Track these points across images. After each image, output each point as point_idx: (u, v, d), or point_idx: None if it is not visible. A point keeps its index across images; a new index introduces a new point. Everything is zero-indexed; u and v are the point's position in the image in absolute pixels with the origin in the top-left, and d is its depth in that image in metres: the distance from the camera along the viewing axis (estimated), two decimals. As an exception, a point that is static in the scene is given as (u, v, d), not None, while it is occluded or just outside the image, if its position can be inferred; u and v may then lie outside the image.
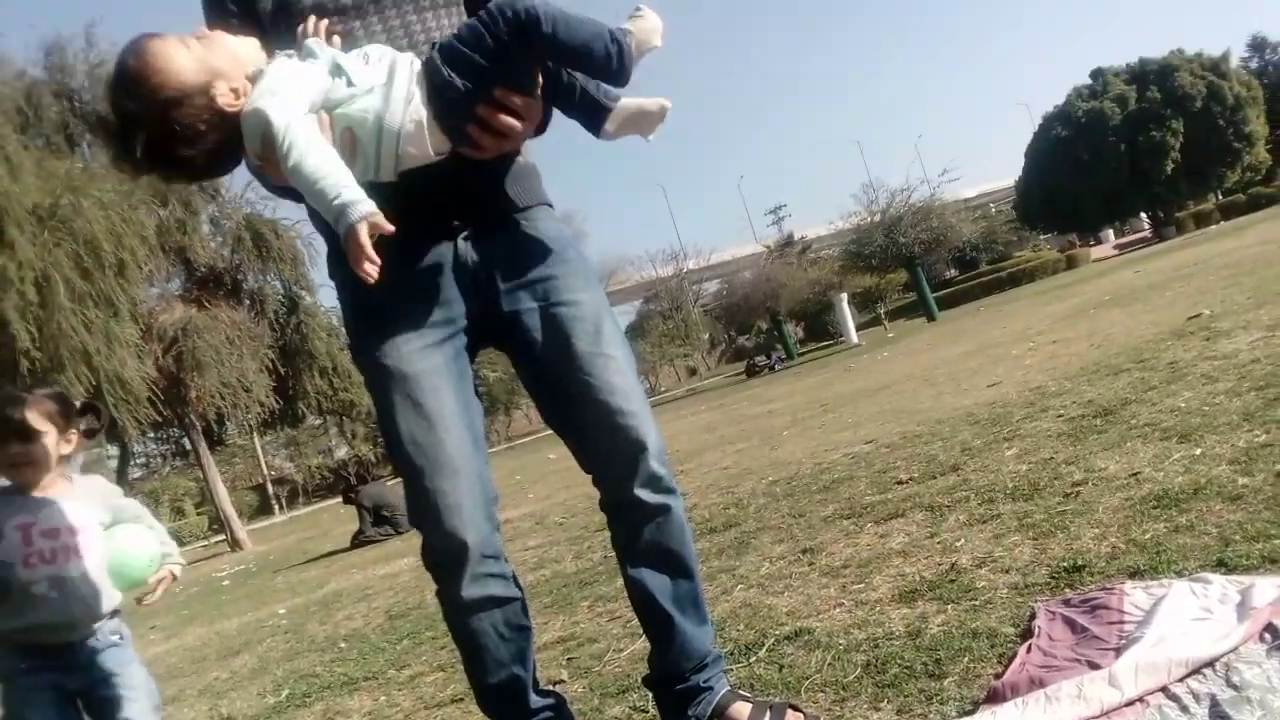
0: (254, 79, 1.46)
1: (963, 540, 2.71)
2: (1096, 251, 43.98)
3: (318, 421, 28.98)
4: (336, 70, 1.47)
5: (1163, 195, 42.77)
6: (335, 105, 1.46)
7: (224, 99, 1.44)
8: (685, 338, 52.90)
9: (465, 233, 1.65)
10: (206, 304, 18.95)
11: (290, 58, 1.50)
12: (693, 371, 56.63)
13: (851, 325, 29.03)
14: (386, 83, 1.47)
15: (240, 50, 1.49)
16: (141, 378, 15.60)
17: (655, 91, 1.71)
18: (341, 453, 43.26)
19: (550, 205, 1.80)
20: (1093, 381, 4.98)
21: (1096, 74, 44.75)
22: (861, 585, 2.59)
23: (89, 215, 14.57)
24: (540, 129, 1.66)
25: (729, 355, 57.65)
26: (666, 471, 1.68)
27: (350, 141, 1.46)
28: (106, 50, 18.49)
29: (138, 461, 24.50)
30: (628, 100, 1.68)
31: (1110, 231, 54.34)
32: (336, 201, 1.35)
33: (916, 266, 28.97)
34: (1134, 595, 1.82)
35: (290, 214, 20.41)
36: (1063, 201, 43.85)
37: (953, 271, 50.77)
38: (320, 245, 1.76)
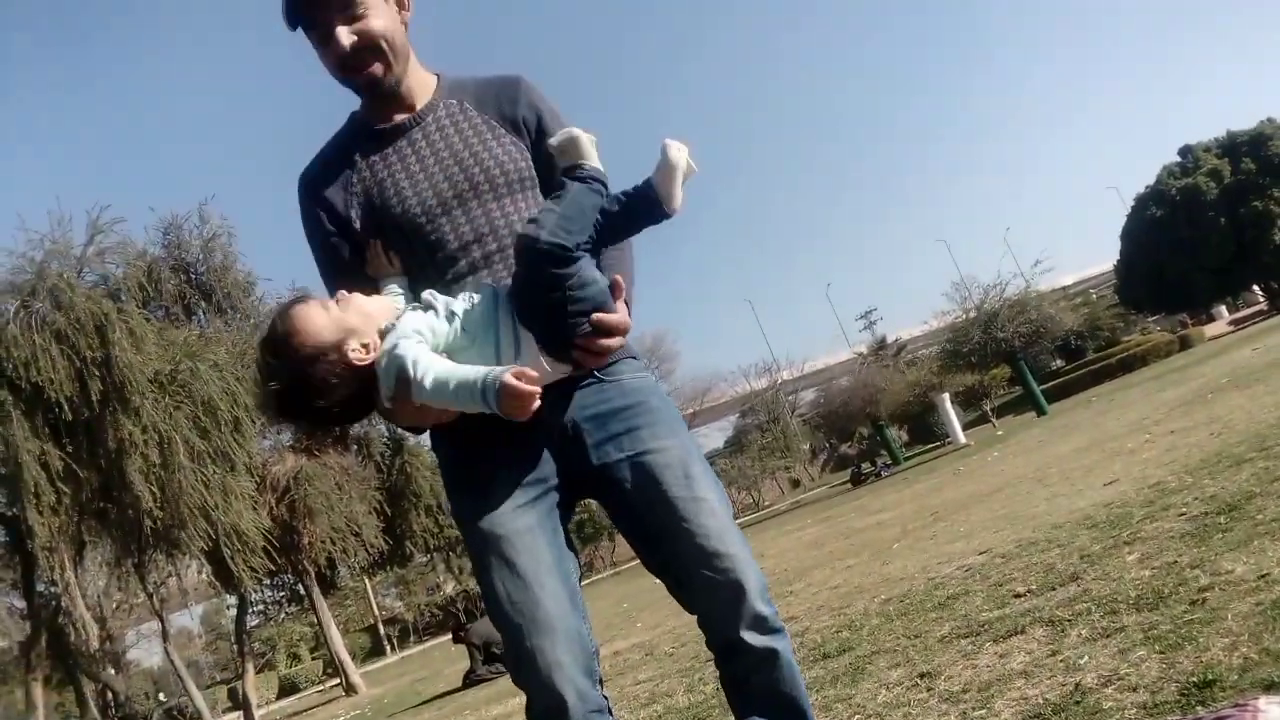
0: (384, 333, 1.61)
1: (1086, 657, 2.55)
2: (1211, 329, 42.20)
3: (425, 559, 29.27)
4: (450, 317, 1.61)
5: (1274, 265, 41.07)
6: (453, 352, 1.59)
7: (355, 354, 1.59)
8: (786, 449, 52.21)
9: (551, 394, 1.66)
10: (315, 452, 19.59)
11: (415, 309, 1.64)
12: (796, 483, 55.62)
13: (957, 425, 28.26)
14: (494, 332, 1.62)
15: (372, 308, 1.65)
16: (257, 528, 16.09)
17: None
18: (449, 588, 43.44)
19: (634, 356, 1.82)
20: (1215, 474, 4.71)
21: (1185, 151, 43.89)
22: (983, 711, 2.45)
23: (205, 378, 15.39)
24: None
25: (832, 464, 56.57)
26: (770, 610, 1.65)
27: None
28: (218, 225, 19.87)
29: (255, 610, 24.97)
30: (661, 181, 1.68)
31: (1223, 307, 52.23)
32: (479, 380, 1.49)
33: (1019, 360, 28.22)
34: (1269, 711, 1.68)
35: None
36: (1168, 281, 42.47)
37: (1059, 362, 49.27)
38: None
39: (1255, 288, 47.03)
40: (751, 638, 1.62)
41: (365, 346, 1.60)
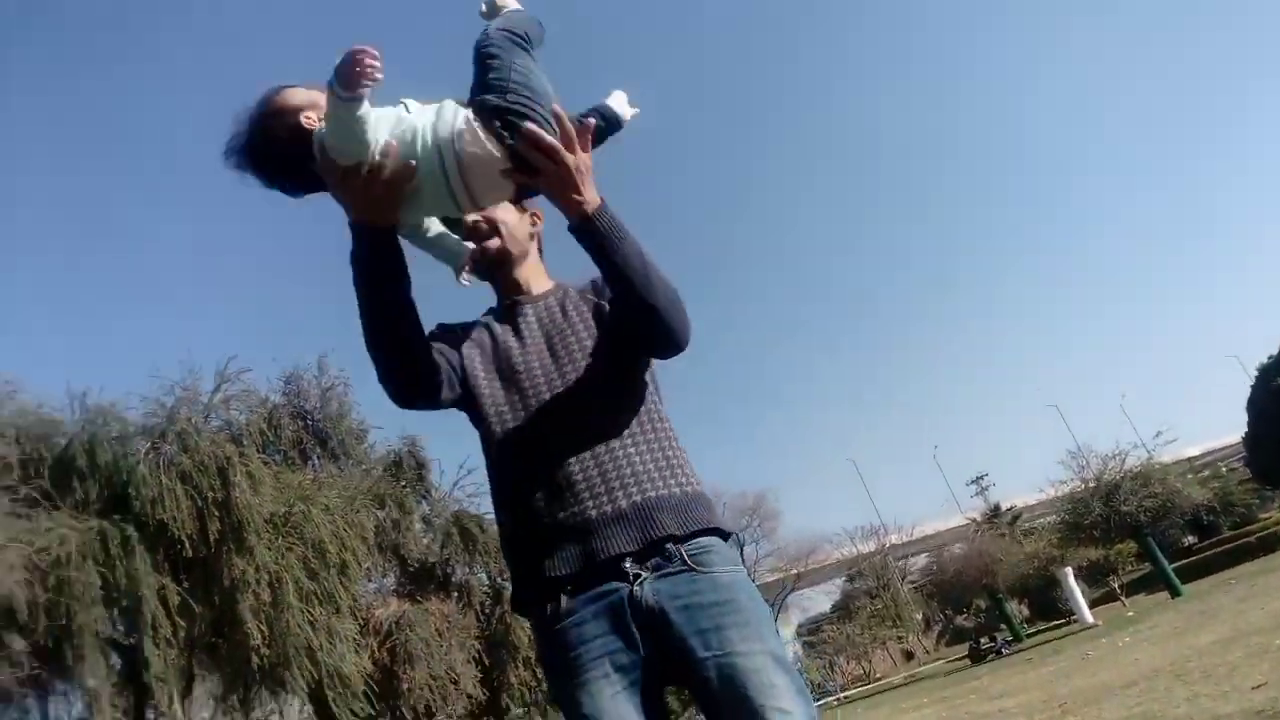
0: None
1: None
2: (1355, 508, 39.11)
3: (521, 712, 28.58)
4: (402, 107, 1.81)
5: None
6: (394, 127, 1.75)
7: (306, 120, 1.75)
8: (897, 618, 49.85)
9: (641, 578, 1.74)
10: (418, 598, 19.70)
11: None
12: (909, 655, 52.77)
13: (1083, 603, 26.60)
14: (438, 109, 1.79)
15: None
16: (359, 671, 16.14)
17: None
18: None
19: (724, 534, 1.87)
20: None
21: (1316, 320, 41.92)
22: None
23: (317, 520, 15.87)
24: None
25: (948, 636, 53.64)
26: None
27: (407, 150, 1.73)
28: (335, 376, 20.91)
29: (351, 757, 24.62)
30: (618, 108, 2.06)
31: (1367, 481, 48.48)
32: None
33: (1146, 536, 26.59)
34: None
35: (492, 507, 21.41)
36: (1304, 452, 39.83)
37: (1191, 538, 46.25)
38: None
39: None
40: None
41: (314, 118, 1.76)
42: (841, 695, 35.15)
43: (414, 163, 1.71)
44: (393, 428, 22.71)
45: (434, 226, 2.02)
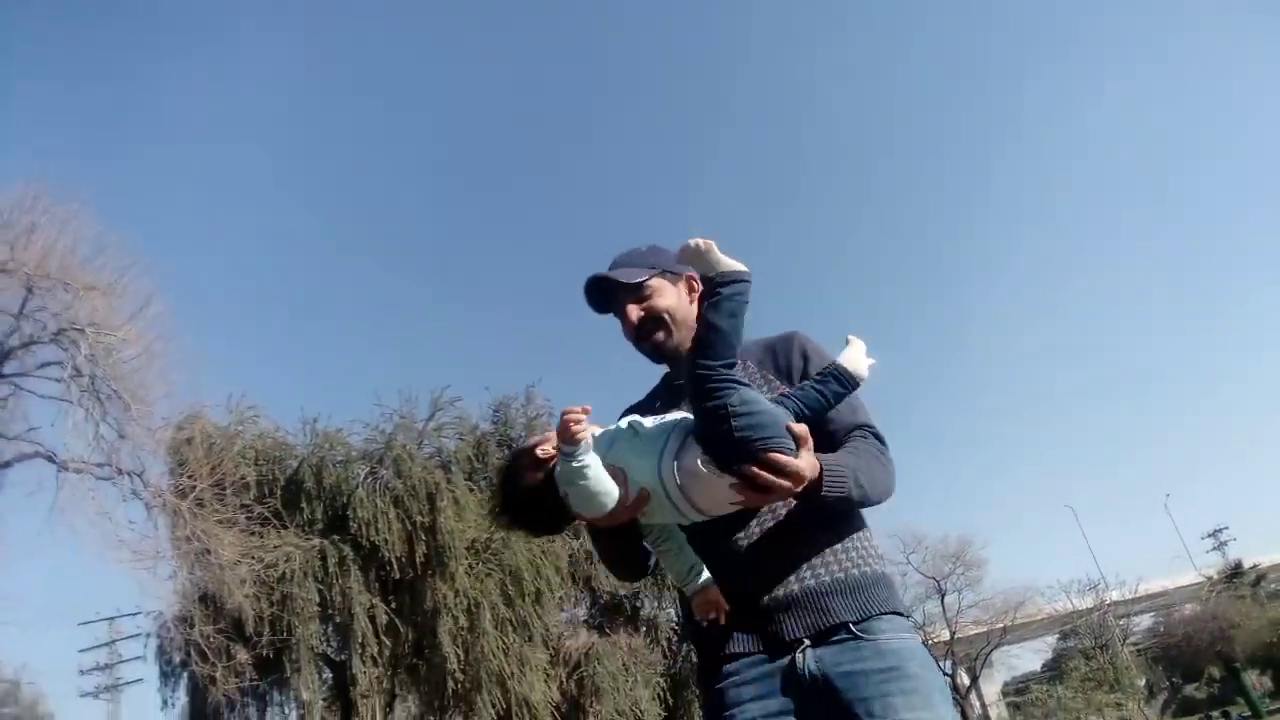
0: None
1: None
2: None
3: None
4: (631, 425, 2.01)
5: None
6: (616, 441, 1.99)
7: (541, 449, 2.02)
8: (1115, 683, 45.96)
9: (805, 644, 1.78)
10: (607, 630, 19.99)
11: None
12: (1129, 725, 48.54)
13: (1336, 680, 23.69)
14: (664, 435, 1.96)
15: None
16: (546, 701, 16.52)
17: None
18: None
19: (902, 614, 1.86)
20: None
21: None
22: None
23: (515, 548, 16.47)
24: (814, 494, 1.85)
25: (1174, 708, 49.01)
26: None
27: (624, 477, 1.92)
28: (541, 406, 21.66)
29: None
30: (852, 366, 2.08)
31: None
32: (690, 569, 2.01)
33: None
34: None
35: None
36: None
37: None
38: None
39: None
40: None
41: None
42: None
43: (647, 490, 1.90)
44: (591, 458, 23.26)
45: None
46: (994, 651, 44.52)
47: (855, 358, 2.04)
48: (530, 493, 1.96)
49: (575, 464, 1.84)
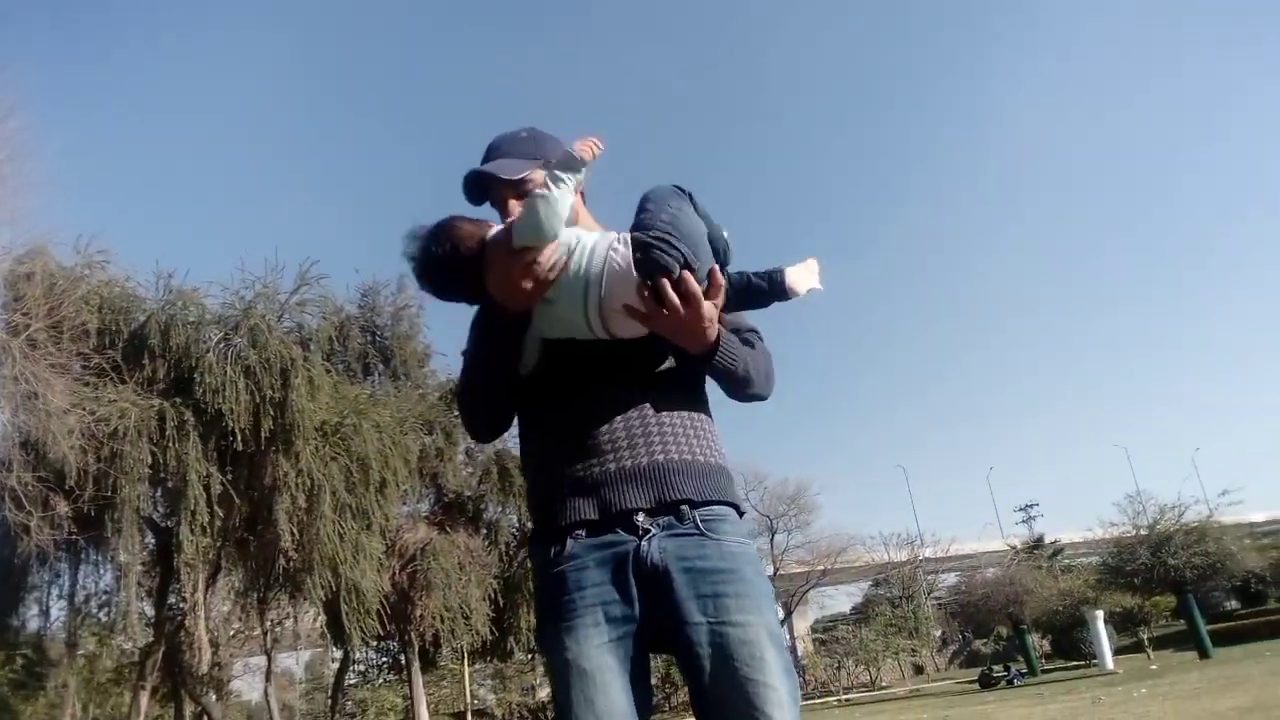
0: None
1: None
2: None
3: (526, 658, 29.13)
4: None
5: None
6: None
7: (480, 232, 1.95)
8: (915, 631, 49.41)
9: (650, 533, 1.76)
10: (447, 528, 20.04)
11: None
12: (919, 669, 52.29)
13: (1108, 648, 26.06)
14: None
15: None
16: (377, 590, 16.49)
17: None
18: (543, 694, 42.85)
19: (740, 511, 1.89)
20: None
21: None
22: None
23: (365, 436, 16.19)
24: (709, 347, 1.87)
25: (962, 659, 53.10)
26: None
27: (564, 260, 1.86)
28: (411, 296, 21.22)
29: (356, 668, 25.35)
30: (794, 267, 1.97)
31: None
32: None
33: (1188, 593, 25.93)
34: None
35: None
36: (1372, 541, 38.50)
37: (1234, 603, 45.00)
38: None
39: None
40: None
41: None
42: (844, 698, 35.07)
43: (565, 257, 1.84)
44: (456, 357, 23.02)
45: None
46: (811, 590, 47.07)
47: (802, 275, 1.95)
48: (462, 260, 1.89)
49: (565, 187, 1.80)
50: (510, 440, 17.09)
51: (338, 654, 22.62)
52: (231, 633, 20.92)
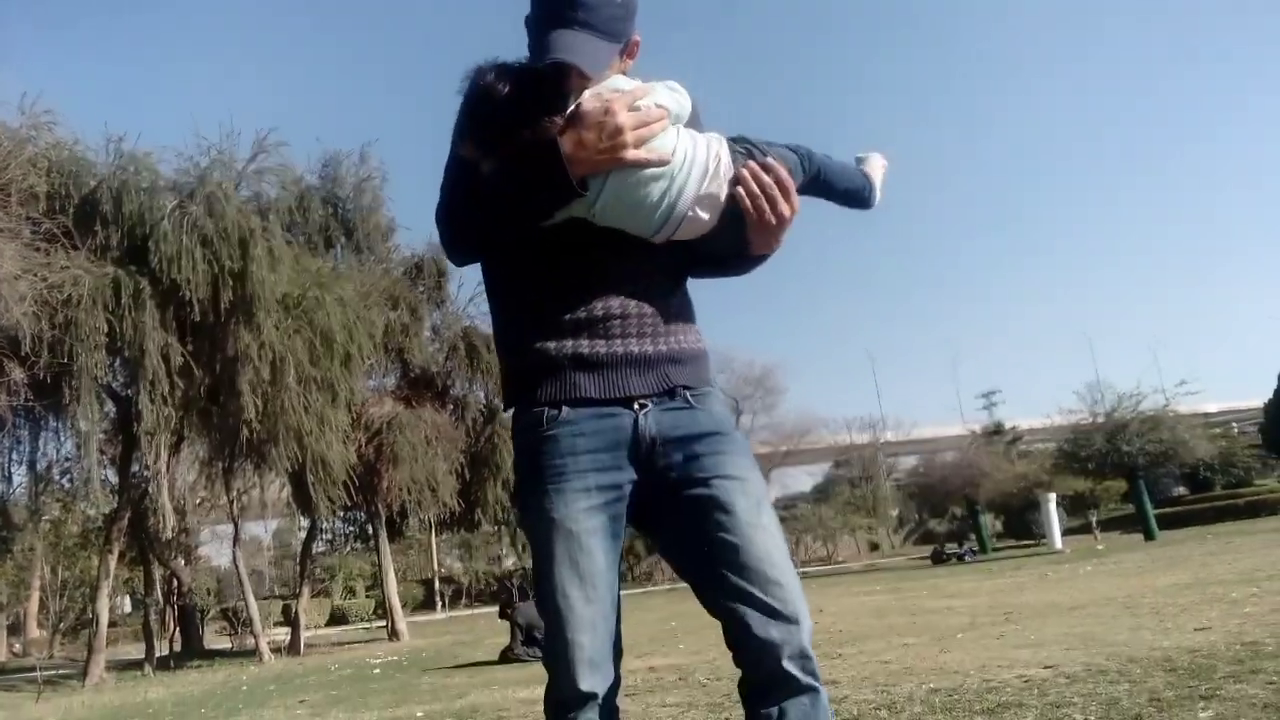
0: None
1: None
2: (1354, 494, 39.28)
3: (492, 529, 29.71)
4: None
5: None
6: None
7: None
8: (873, 510, 50.98)
9: (645, 407, 1.76)
10: (414, 403, 20.07)
11: None
12: (875, 546, 54.23)
13: (1058, 529, 27.06)
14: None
15: None
16: (343, 462, 16.59)
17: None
18: (509, 563, 44.05)
19: (718, 390, 1.91)
20: (1325, 649, 4.28)
21: (1368, 300, 41.04)
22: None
23: (329, 309, 15.95)
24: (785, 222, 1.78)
25: (917, 536, 54.96)
26: (813, 656, 1.67)
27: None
28: (374, 168, 20.66)
29: (324, 537, 25.75)
30: (875, 176, 2.03)
31: (1373, 474, 48.62)
32: None
33: (1139, 479, 26.80)
34: None
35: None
36: (1318, 433, 39.78)
37: (1182, 489, 46.70)
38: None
39: None
40: (796, 671, 1.63)
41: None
42: (800, 571, 36.35)
43: (674, 141, 1.67)
44: (420, 231, 22.68)
45: None
46: (774, 470, 48.17)
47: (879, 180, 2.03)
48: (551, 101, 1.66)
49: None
50: (480, 318, 16.93)
51: (305, 523, 22.87)
52: (198, 500, 21.07)
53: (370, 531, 22.19)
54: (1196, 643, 5.07)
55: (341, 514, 21.91)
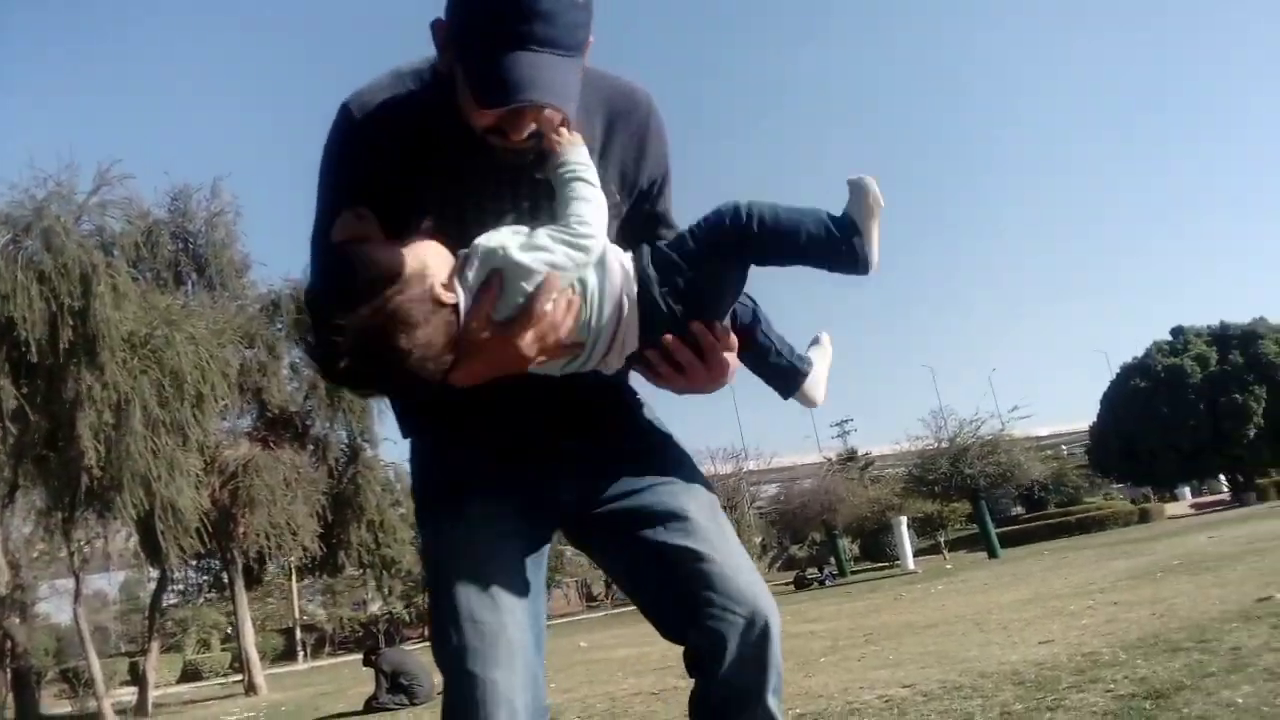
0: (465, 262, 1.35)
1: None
2: (1172, 508, 42.62)
3: (357, 573, 28.82)
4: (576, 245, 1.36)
5: (1244, 459, 41.69)
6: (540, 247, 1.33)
7: (441, 289, 1.31)
8: (739, 538, 51.76)
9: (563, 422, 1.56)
10: (271, 444, 19.34)
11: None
12: (740, 574, 55.00)
13: (909, 550, 28.21)
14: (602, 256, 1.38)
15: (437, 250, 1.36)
16: (195, 508, 15.78)
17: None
18: (375, 608, 42.65)
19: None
20: (1149, 656, 4.71)
21: (1178, 331, 44.79)
22: None
23: (179, 348, 15.21)
24: (719, 380, 1.52)
25: (780, 563, 56.18)
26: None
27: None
28: (227, 202, 20.00)
29: (175, 588, 24.40)
30: (819, 367, 1.69)
31: (1188, 489, 52.85)
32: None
33: (981, 500, 28.40)
34: None
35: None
36: (1139, 453, 43.03)
37: (1020, 509, 49.54)
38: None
39: (1222, 477, 47.62)
40: (774, 703, 1.47)
41: (448, 285, 1.32)
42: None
43: (577, 299, 1.36)
44: (277, 267, 22.02)
45: None
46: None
47: (821, 382, 1.71)
48: (414, 323, 1.27)
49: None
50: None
51: (154, 574, 21.61)
52: (34, 554, 19.64)
53: (226, 580, 21.17)
54: (1041, 655, 5.46)
55: (194, 563, 20.86)
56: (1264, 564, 8.95)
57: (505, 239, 1.33)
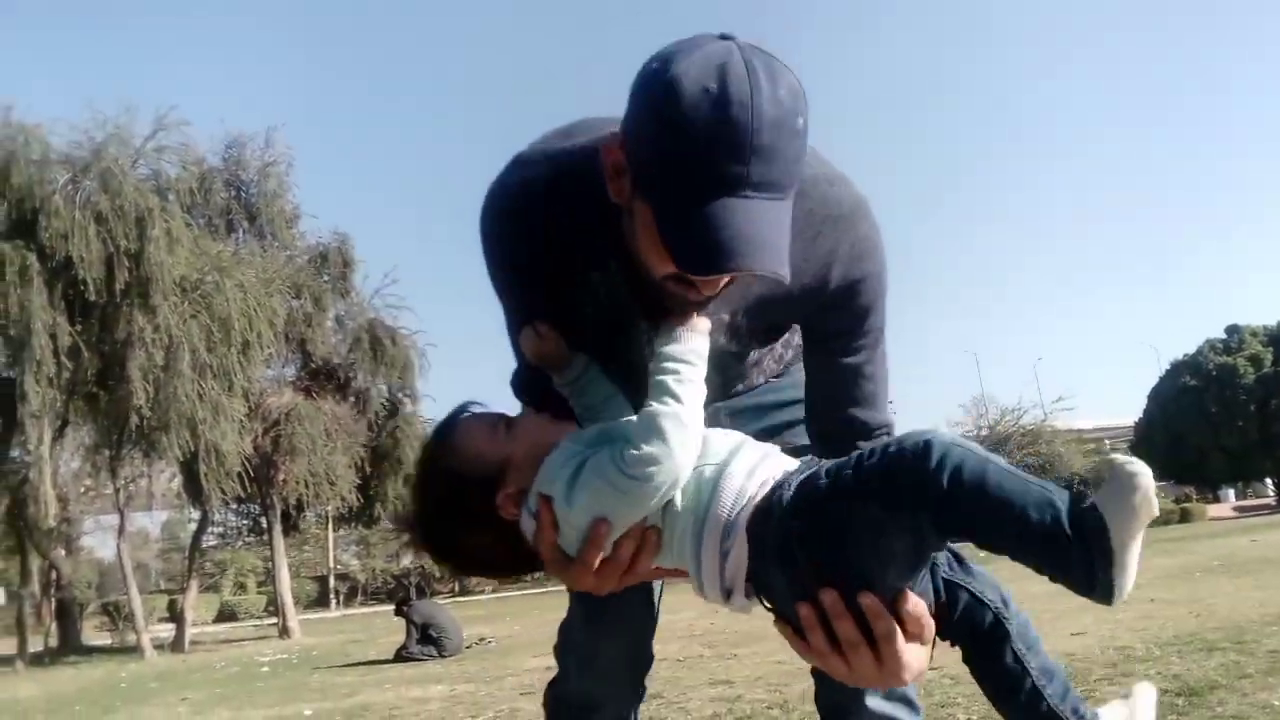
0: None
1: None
2: (1215, 509, 41.82)
3: (391, 526, 29.27)
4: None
5: (1292, 465, 40.80)
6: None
7: (501, 502, 1.18)
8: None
9: None
10: (314, 394, 19.64)
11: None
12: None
13: (942, 537, 28.05)
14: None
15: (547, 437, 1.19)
16: (238, 452, 16.14)
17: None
18: (407, 561, 43.37)
19: None
20: (1184, 654, 4.63)
21: (1232, 330, 43.67)
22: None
23: (228, 295, 15.51)
24: (894, 679, 1.14)
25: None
26: None
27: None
28: (281, 152, 20.16)
29: (215, 530, 24.99)
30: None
31: (1232, 491, 51.82)
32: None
33: (1018, 490, 28.14)
34: None
35: (409, 324, 21.94)
36: (1185, 451, 42.16)
37: (1058, 502, 48.89)
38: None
39: (1268, 480, 46.63)
40: None
41: (515, 498, 1.18)
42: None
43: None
44: (327, 219, 22.30)
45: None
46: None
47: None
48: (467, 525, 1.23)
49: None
50: (385, 311, 16.63)
51: (196, 515, 22.13)
52: (82, 489, 20.19)
53: (264, 525, 21.59)
54: (1073, 647, 5.40)
55: (234, 506, 21.30)
56: (1308, 570, 8.77)
57: (555, 472, 1.13)
